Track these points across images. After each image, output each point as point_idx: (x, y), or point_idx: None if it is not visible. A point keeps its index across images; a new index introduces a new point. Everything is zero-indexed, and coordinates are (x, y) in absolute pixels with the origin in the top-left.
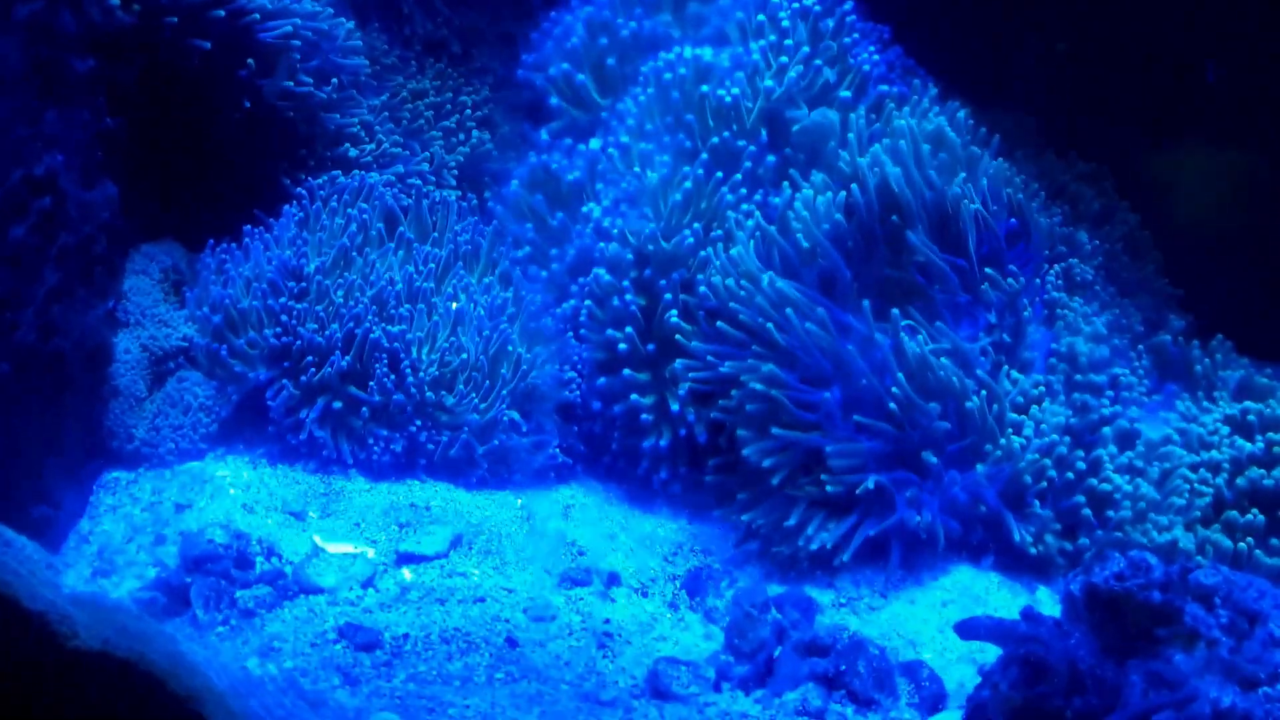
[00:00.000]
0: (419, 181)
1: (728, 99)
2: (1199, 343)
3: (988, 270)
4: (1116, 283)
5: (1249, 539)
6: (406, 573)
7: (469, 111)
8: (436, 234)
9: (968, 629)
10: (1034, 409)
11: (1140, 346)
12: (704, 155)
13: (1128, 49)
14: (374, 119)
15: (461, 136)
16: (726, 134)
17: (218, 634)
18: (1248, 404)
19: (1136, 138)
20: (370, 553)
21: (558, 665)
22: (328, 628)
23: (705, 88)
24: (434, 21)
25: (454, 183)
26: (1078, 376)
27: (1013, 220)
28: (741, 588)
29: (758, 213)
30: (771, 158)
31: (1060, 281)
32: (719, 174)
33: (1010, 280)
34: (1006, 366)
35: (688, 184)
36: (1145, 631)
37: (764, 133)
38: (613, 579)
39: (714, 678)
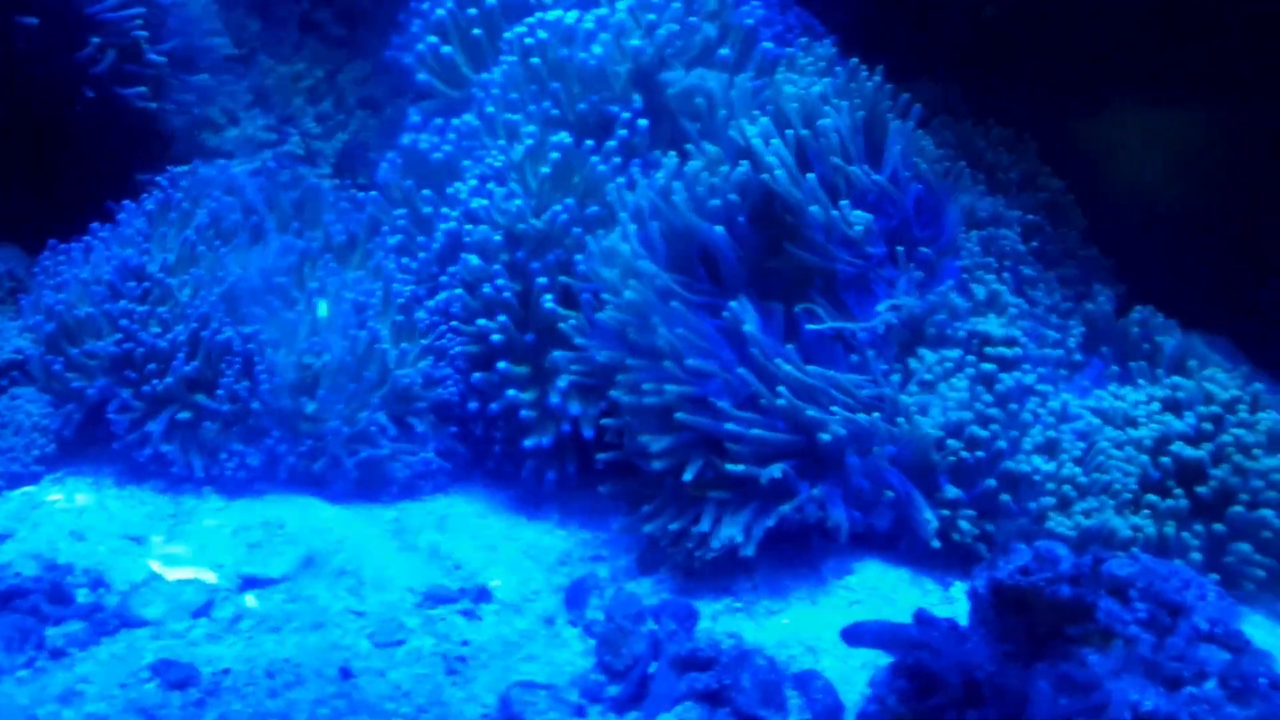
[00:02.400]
0: (289, 168)
1: (591, 62)
2: (1133, 312)
3: (897, 241)
4: (1040, 252)
5: (1172, 523)
6: (250, 598)
7: (347, 93)
8: (299, 224)
9: (854, 635)
10: (943, 386)
11: (1069, 321)
12: (572, 123)
13: (1054, 11)
14: (238, 104)
15: (340, 119)
16: (595, 98)
17: (19, 678)
18: (1176, 379)
19: (1066, 102)
20: (212, 577)
21: (395, 696)
22: (142, 665)
23: (565, 51)
24: (310, 0)
25: (330, 169)
26: (988, 349)
27: (921, 188)
28: (616, 598)
29: (641, 184)
30: (644, 122)
31: (978, 249)
32: (589, 143)
33: (920, 253)
34: (903, 348)
35: (555, 154)
36: (1056, 630)
37: (638, 98)
38: (482, 594)
39: (577, 701)
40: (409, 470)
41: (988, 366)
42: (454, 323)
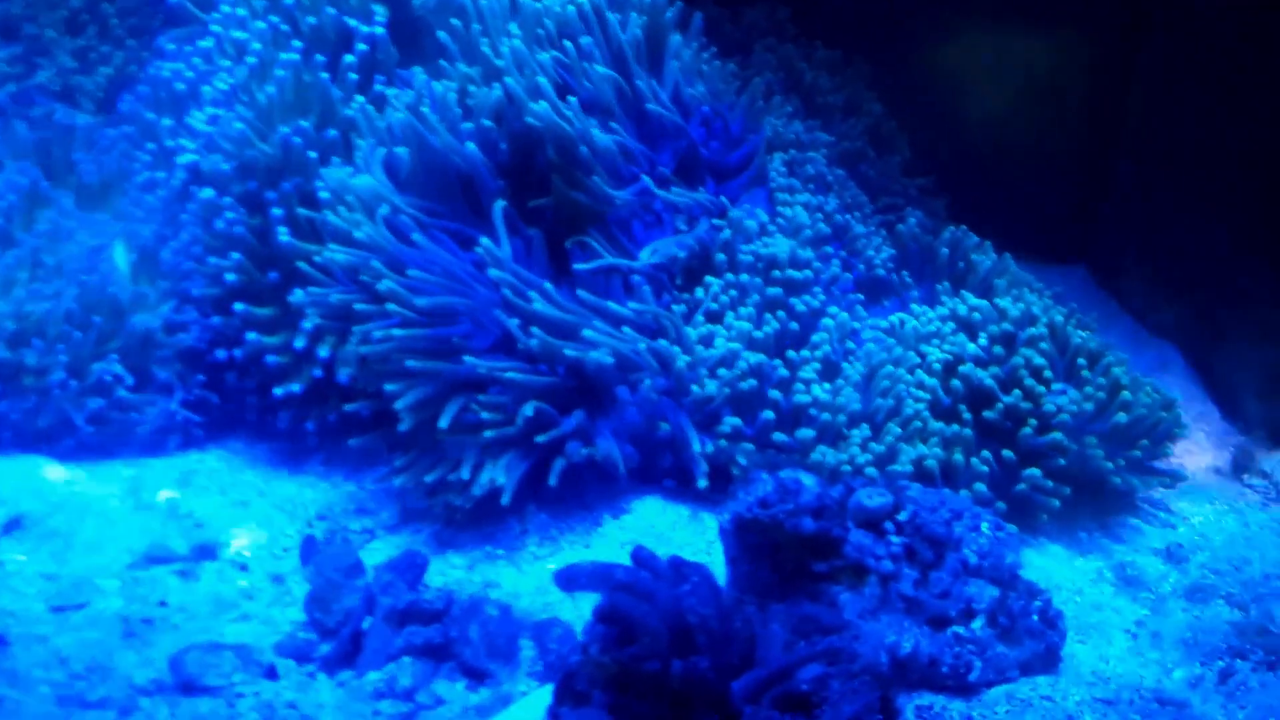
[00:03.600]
0: (42, 104)
1: None
2: (944, 232)
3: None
4: (861, 177)
5: (960, 450)
6: None
7: (114, 24)
8: (29, 163)
9: (568, 579)
10: (729, 315)
11: (883, 246)
12: (306, 37)
13: None
14: None
15: (105, 51)
16: (332, 11)
17: None
18: (973, 299)
19: (902, 28)
20: None
21: (52, 663)
22: None
23: None
24: None
25: (93, 105)
26: (775, 273)
27: (708, 110)
28: (330, 551)
29: (389, 105)
30: (381, 31)
31: (785, 170)
32: (320, 58)
33: (712, 179)
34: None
35: (281, 72)
36: (801, 567)
37: (380, 10)
38: (206, 552)
39: (270, 661)
40: (151, 424)
41: (774, 291)
42: (189, 263)
